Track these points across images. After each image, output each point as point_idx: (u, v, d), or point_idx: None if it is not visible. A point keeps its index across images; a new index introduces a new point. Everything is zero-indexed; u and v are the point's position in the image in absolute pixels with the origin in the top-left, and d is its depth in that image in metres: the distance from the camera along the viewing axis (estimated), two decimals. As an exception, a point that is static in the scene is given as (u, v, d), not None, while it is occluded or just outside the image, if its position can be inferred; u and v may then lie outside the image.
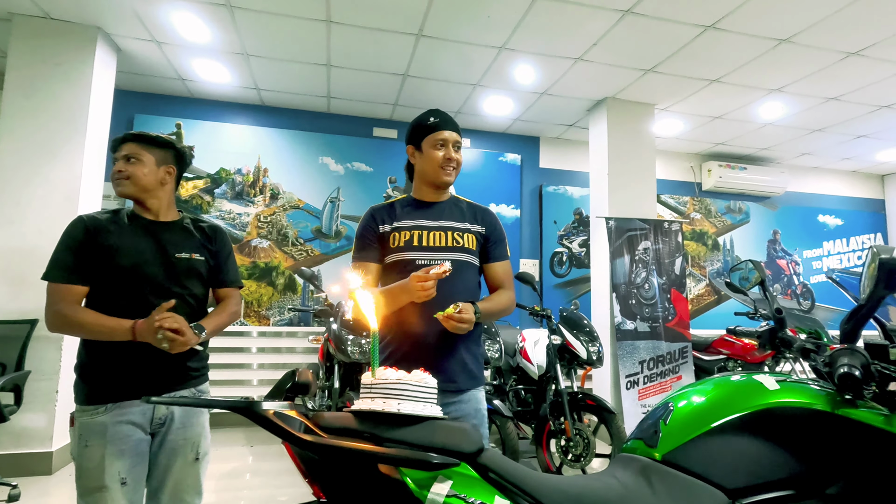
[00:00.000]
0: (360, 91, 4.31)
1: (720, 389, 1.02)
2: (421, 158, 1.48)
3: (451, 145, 1.46)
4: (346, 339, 2.84)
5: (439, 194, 1.54)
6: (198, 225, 1.51)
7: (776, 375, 1.01)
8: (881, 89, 4.00)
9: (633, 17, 3.10)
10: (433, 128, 1.45)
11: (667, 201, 5.61)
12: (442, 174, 1.45)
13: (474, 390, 1.46)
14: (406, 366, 1.36)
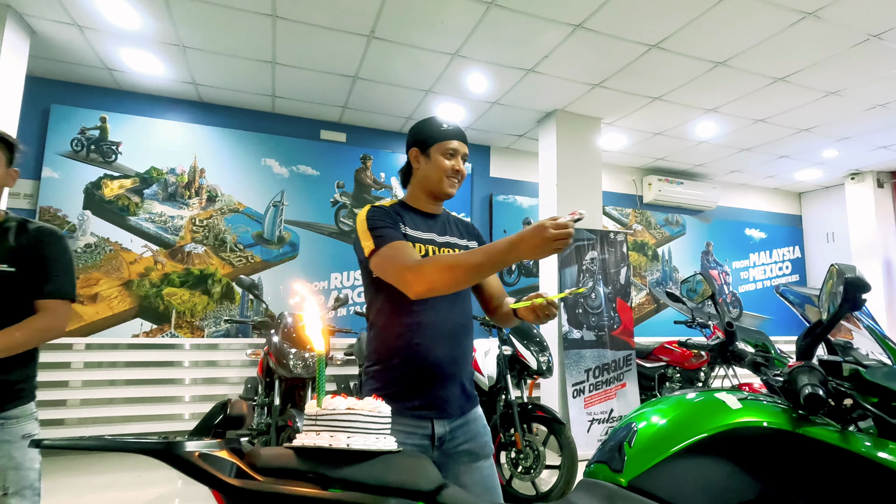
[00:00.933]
0: (308, 91, 4.14)
1: (683, 409, 1.00)
2: (427, 164, 1.37)
3: (459, 157, 1.38)
4: (288, 352, 2.66)
5: (437, 206, 1.44)
6: (24, 228, 1.35)
7: (736, 393, 1.00)
8: (801, 114, 4.33)
9: (583, 31, 3.17)
10: (445, 135, 1.36)
11: (611, 213, 5.79)
12: (446, 185, 1.35)
13: (477, 407, 1.40)
14: (415, 394, 1.26)
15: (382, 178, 4.84)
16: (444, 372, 1.28)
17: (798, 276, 6.78)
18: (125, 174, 4.05)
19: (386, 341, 1.29)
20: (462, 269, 1.09)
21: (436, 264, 1.12)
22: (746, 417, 0.93)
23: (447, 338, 1.31)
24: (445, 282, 1.10)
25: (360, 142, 4.83)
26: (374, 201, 4.75)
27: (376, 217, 1.28)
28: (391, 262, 1.17)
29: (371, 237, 1.23)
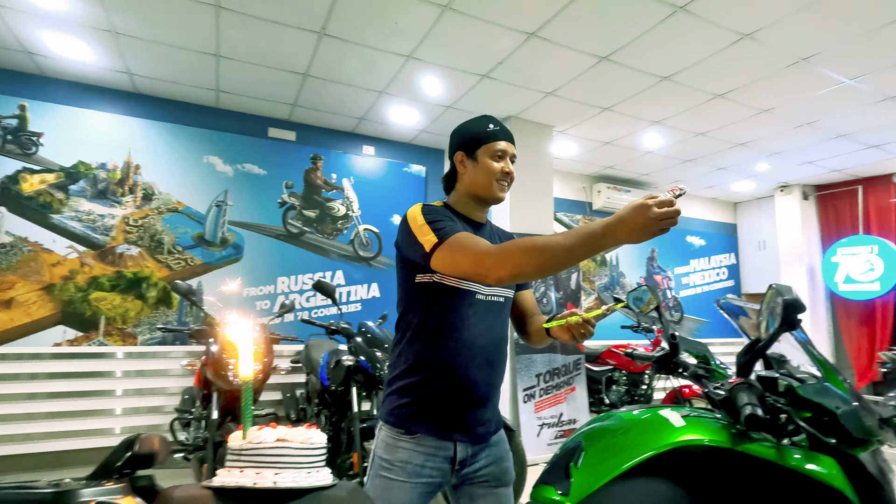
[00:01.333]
0: (255, 87, 3.96)
1: (628, 428, 0.99)
2: (474, 169, 1.29)
3: (508, 158, 1.31)
4: (227, 362, 2.51)
5: (483, 213, 1.37)
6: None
7: (679, 410, 1.00)
8: (738, 129, 4.57)
9: (537, 40, 3.19)
10: (492, 136, 1.29)
11: (561, 219, 5.91)
12: (496, 188, 1.28)
13: (501, 430, 1.34)
14: (445, 414, 1.19)
15: (334, 178, 4.70)
16: (479, 394, 1.23)
17: (733, 281, 7.18)
18: (47, 168, 3.72)
19: (423, 355, 1.22)
20: (553, 251, 0.96)
21: (522, 246, 1.01)
22: (689, 436, 0.93)
23: (486, 358, 1.25)
24: (535, 265, 0.98)
25: (311, 141, 4.68)
26: (324, 203, 4.62)
27: (432, 212, 1.20)
28: (464, 251, 1.07)
29: (431, 230, 1.14)
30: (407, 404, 1.20)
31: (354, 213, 4.75)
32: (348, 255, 4.67)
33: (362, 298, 4.65)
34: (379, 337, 2.91)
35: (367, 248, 4.75)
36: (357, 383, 2.74)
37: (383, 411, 1.25)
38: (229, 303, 4.09)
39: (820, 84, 3.69)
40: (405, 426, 1.19)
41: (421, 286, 1.23)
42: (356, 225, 4.74)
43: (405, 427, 1.19)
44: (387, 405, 1.24)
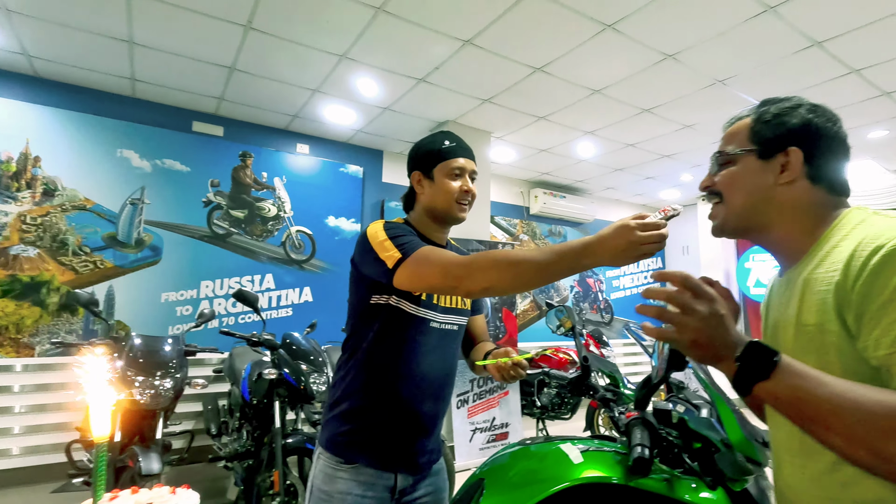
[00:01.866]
0: (177, 78, 3.69)
1: (529, 463, 0.99)
2: (431, 188, 1.24)
3: (467, 175, 1.25)
4: (133, 380, 2.32)
5: (443, 234, 1.32)
6: None
7: (580, 444, 1.01)
8: (663, 142, 4.81)
9: (472, 48, 3.18)
10: (449, 153, 1.24)
11: (499, 223, 5.99)
12: (457, 209, 1.24)
13: (441, 458, 1.29)
14: (388, 444, 1.13)
15: (265, 177, 4.49)
16: (424, 425, 1.18)
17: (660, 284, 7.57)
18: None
19: (370, 381, 1.15)
20: (526, 268, 0.90)
21: (494, 259, 0.94)
22: (587, 472, 0.94)
23: (435, 389, 1.21)
24: (507, 281, 0.92)
25: (240, 137, 4.44)
26: (254, 203, 4.40)
27: (394, 228, 1.15)
28: (431, 263, 1.02)
29: (394, 246, 1.08)
30: (348, 432, 1.15)
31: (286, 214, 4.56)
32: (279, 258, 4.48)
33: (294, 303, 4.48)
34: (305, 348, 2.79)
35: (299, 250, 4.58)
36: (280, 397, 2.62)
37: (323, 437, 1.19)
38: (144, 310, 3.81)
39: (735, 104, 3.94)
40: (345, 455, 1.14)
41: (375, 308, 1.17)
42: (288, 226, 4.55)
43: (345, 456, 1.14)
44: (327, 430, 1.18)
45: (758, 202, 0.80)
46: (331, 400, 1.22)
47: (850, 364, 0.66)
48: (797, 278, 0.77)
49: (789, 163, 0.78)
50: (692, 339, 0.63)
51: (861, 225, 0.72)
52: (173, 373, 2.46)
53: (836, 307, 0.67)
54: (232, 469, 2.96)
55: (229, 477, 3.45)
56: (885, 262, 0.62)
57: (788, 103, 0.82)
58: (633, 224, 0.82)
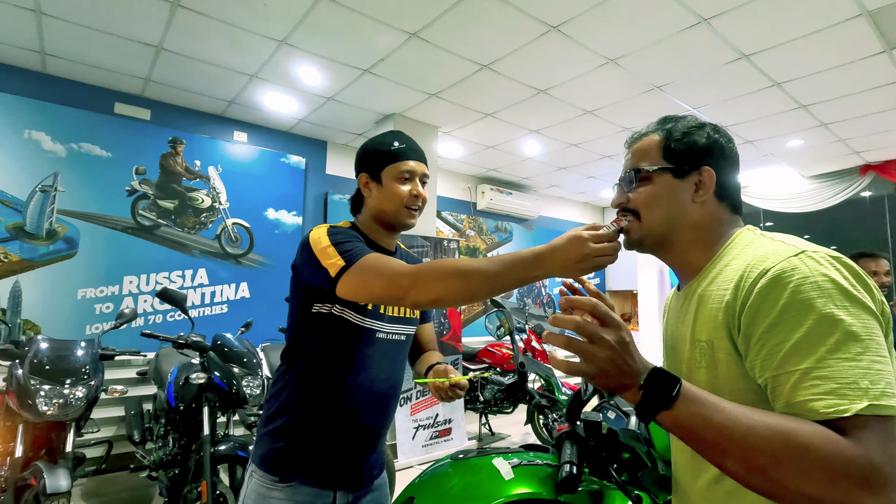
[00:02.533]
0: (95, 55, 3.37)
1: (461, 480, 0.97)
2: (379, 192, 1.18)
3: (418, 179, 1.18)
4: (37, 390, 2.09)
5: (392, 239, 1.25)
6: None
7: (511, 458, 1.00)
8: (605, 143, 4.96)
9: (419, 41, 3.12)
10: (397, 155, 1.16)
11: (447, 218, 5.97)
12: (405, 215, 1.17)
13: (384, 473, 1.23)
14: (327, 461, 1.06)
15: (197, 166, 4.22)
16: (367, 440, 1.12)
17: (599, 279, 7.87)
18: None
19: (311, 394, 1.08)
20: (475, 279, 0.86)
21: (442, 269, 0.89)
22: (518, 489, 0.93)
23: (379, 400, 1.14)
24: (454, 292, 0.88)
25: (170, 122, 4.13)
26: (185, 192, 4.12)
27: (338, 233, 1.07)
28: (376, 272, 0.95)
29: (337, 253, 1.01)
30: (285, 448, 1.08)
31: (222, 206, 4.31)
32: (213, 252, 4.23)
33: (229, 299, 4.26)
34: (237, 350, 2.65)
35: (235, 244, 4.35)
36: (209, 402, 2.47)
37: (256, 454, 1.12)
38: (57, 307, 3.48)
39: (671, 110, 4.11)
40: (280, 473, 1.07)
41: (317, 317, 1.10)
42: (224, 218, 4.31)
43: (280, 475, 1.07)
44: (261, 447, 1.11)
45: (673, 219, 0.82)
46: (266, 414, 1.15)
47: (737, 381, 0.68)
48: (693, 294, 0.80)
49: (703, 182, 0.81)
50: (600, 368, 0.61)
51: (750, 246, 0.75)
52: (86, 380, 2.25)
53: (726, 325, 0.69)
54: (157, 478, 2.78)
55: (153, 486, 3.24)
56: (770, 285, 0.64)
57: (693, 122, 0.85)
58: (586, 236, 0.79)
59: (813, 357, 0.59)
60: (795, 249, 0.67)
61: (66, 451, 2.15)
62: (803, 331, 0.60)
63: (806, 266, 0.64)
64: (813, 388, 0.58)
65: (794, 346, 0.61)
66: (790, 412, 0.60)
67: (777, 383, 0.62)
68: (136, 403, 3.40)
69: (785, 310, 0.62)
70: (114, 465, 3.22)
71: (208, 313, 4.13)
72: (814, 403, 0.58)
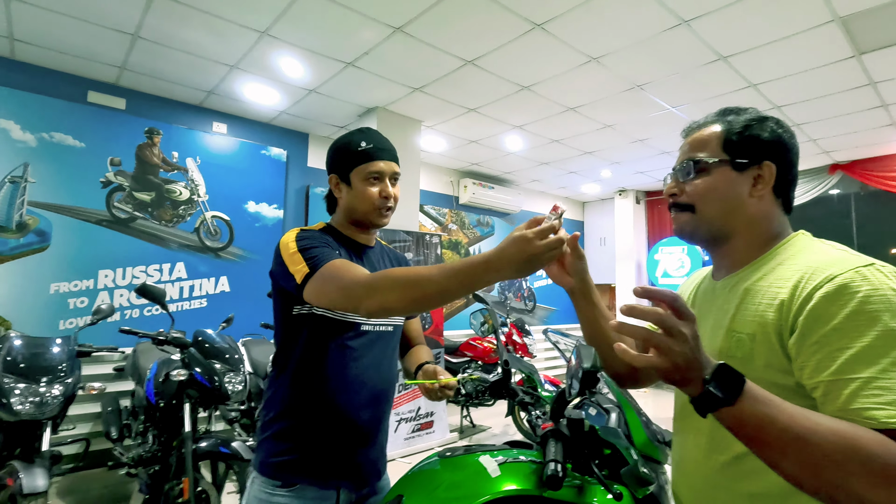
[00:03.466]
0: (67, 41, 3.26)
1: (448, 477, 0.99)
2: (349, 193, 1.18)
3: (388, 179, 1.18)
4: (10, 389, 2.05)
5: (369, 236, 1.27)
6: None
7: (497, 456, 1.03)
8: (586, 139, 5.02)
9: (403, 35, 3.10)
10: (364, 156, 1.15)
11: (429, 211, 5.98)
12: (376, 216, 1.18)
13: (386, 474, 1.25)
14: (328, 459, 1.07)
15: (175, 157, 4.13)
16: (364, 434, 1.13)
17: (579, 273, 7.99)
18: None
19: (303, 394, 1.08)
20: (427, 288, 0.86)
21: (394, 279, 0.91)
22: (505, 486, 0.96)
23: (373, 394, 1.15)
24: (406, 301, 0.89)
25: (146, 112, 4.03)
26: (163, 184, 4.04)
27: (306, 238, 1.09)
28: (334, 280, 0.97)
29: (303, 260, 1.03)
30: (285, 451, 1.09)
31: (201, 198, 4.24)
32: (192, 245, 4.16)
33: (209, 293, 4.20)
34: (219, 346, 2.63)
35: (215, 237, 4.28)
36: (191, 399, 2.45)
37: (256, 460, 1.13)
38: (28, 302, 3.39)
39: (650, 108, 4.19)
40: (283, 478, 1.08)
41: (299, 318, 1.12)
42: (202, 211, 4.24)
43: (283, 479, 1.08)
44: (261, 453, 1.12)
45: (730, 213, 0.82)
46: (264, 420, 1.15)
47: (773, 375, 0.70)
48: (737, 285, 0.80)
49: (762, 176, 0.81)
50: (674, 362, 0.59)
51: (807, 250, 0.76)
52: (63, 377, 2.21)
53: (777, 323, 0.70)
54: (136, 475, 2.75)
55: (131, 483, 3.20)
56: (837, 291, 0.65)
57: (754, 115, 0.84)
58: (530, 235, 0.79)
59: (876, 367, 0.60)
60: (864, 260, 0.67)
61: (43, 450, 2.12)
62: (867, 340, 0.61)
63: (876, 278, 0.64)
64: (875, 397, 0.59)
65: (857, 353, 0.61)
66: (844, 417, 0.61)
67: (833, 388, 0.62)
68: (113, 400, 3.35)
69: (851, 317, 0.63)
70: (90, 463, 3.16)
71: (187, 308, 4.07)
72: (874, 412, 0.59)
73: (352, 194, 1.18)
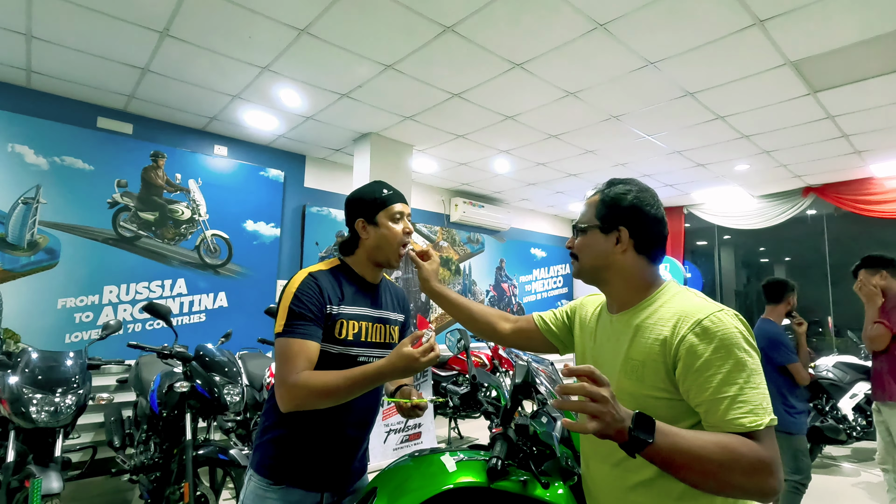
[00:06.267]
0: (81, 74, 3.50)
1: (414, 472, 1.20)
2: (376, 234, 1.33)
3: (406, 218, 1.36)
4: (29, 399, 2.24)
5: (378, 274, 1.42)
6: None
7: (456, 455, 1.24)
8: (570, 163, 5.28)
9: (393, 72, 3.36)
10: (389, 200, 1.34)
11: (421, 230, 6.21)
12: (396, 256, 1.34)
13: (366, 475, 1.42)
14: (316, 467, 1.22)
15: (178, 179, 4.35)
16: (350, 449, 1.29)
17: (567, 288, 8.23)
18: None
19: (295, 414, 1.22)
20: (336, 396, 1.12)
21: (311, 390, 1.11)
22: (460, 478, 1.17)
23: (363, 417, 1.32)
24: (314, 405, 1.13)
25: (151, 136, 4.27)
26: (166, 204, 4.26)
27: (303, 299, 1.22)
28: (280, 363, 1.16)
29: (285, 319, 1.19)
30: (278, 455, 1.24)
31: (201, 217, 4.45)
32: (192, 262, 4.37)
33: (207, 308, 4.40)
34: (219, 360, 2.82)
35: (214, 254, 4.49)
36: (192, 409, 2.64)
37: (254, 460, 1.28)
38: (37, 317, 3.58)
39: (628, 136, 4.46)
40: (274, 477, 1.23)
41: None
42: (203, 230, 4.45)
43: (274, 478, 1.23)
44: (258, 454, 1.27)
45: (600, 264, 1.08)
46: (263, 426, 1.29)
47: (656, 391, 0.94)
48: (630, 321, 1.03)
49: (620, 237, 1.05)
50: (604, 421, 0.77)
51: (678, 295, 1.01)
52: (76, 388, 2.40)
53: (662, 353, 0.93)
54: (138, 482, 2.92)
55: (132, 490, 3.37)
56: (703, 332, 0.90)
57: (625, 187, 1.08)
58: (417, 354, 1.09)
59: (735, 387, 0.85)
60: (717, 307, 0.94)
61: (56, 456, 2.30)
62: (727, 368, 0.87)
63: (726, 321, 0.91)
64: (739, 409, 0.84)
65: (723, 378, 0.86)
66: (723, 426, 0.85)
67: (713, 405, 0.86)
68: (116, 410, 3.53)
69: (714, 352, 0.88)
70: (93, 470, 3.33)
71: (187, 322, 4.26)
72: (741, 420, 0.84)
73: (379, 233, 1.33)
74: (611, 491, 1.01)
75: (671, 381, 0.93)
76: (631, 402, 0.93)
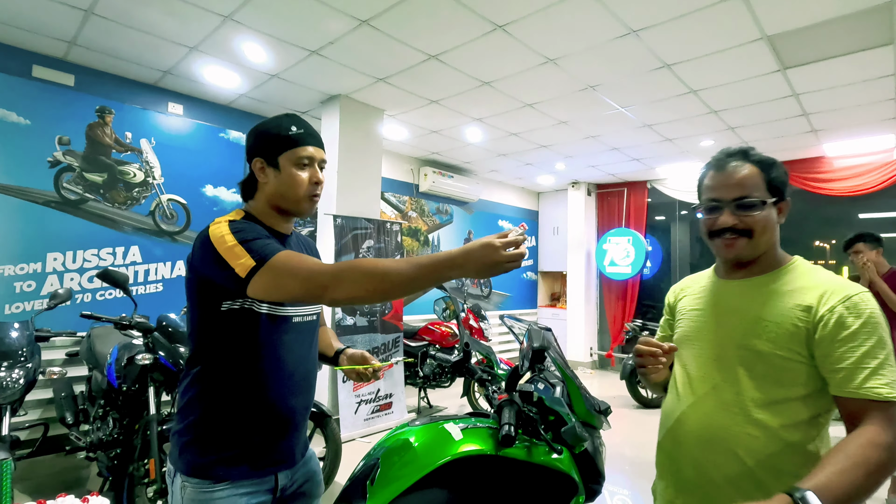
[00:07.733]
0: (11, 14, 3.10)
1: (418, 442, 1.15)
2: (276, 178, 1.12)
3: (317, 164, 1.15)
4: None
5: (288, 224, 1.21)
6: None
7: (459, 423, 1.20)
8: (542, 134, 5.25)
9: (369, 28, 3.17)
10: (297, 140, 1.11)
11: (389, 199, 6.06)
12: (306, 203, 1.14)
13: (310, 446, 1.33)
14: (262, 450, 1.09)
15: (129, 138, 4.01)
16: (294, 421, 1.16)
17: (533, 261, 8.33)
18: None
19: (234, 392, 1.07)
20: (394, 280, 0.90)
21: (362, 269, 0.92)
22: (466, 446, 1.13)
23: (301, 382, 1.18)
24: (374, 291, 0.91)
25: (97, 89, 3.89)
26: (115, 166, 3.93)
27: (242, 230, 1.02)
28: (291, 272, 0.94)
29: (246, 252, 0.97)
30: (218, 450, 1.07)
31: (156, 181, 4.15)
32: (147, 229, 4.08)
33: (164, 278, 4.14)
34: (183, 331, 2.66)
35: (171, 221, 4.22)
36: (155, 382, 2.50)
37: (182, 465, 1.07)
38: (-28, 285, 3.26)
39: (602, 108, 4.45)
40: (217, 476, 1.06)
41: (228, 314, 1.07)
42: (158, 194, 4.15)
43: (216, 476, 1.06)
44: (188, 456, 1.07)
45: (771, 238, 1.09)
46: (184, 423, 1.09)
47: (794, 347, 0.98)
48: (766, 285, 1.07)
49: (782, 210, 1.10)
50: None
51: (816, 270, 1.06)
52: (23, 362, 2.20)
53: (804, 320, 0.98)
54: (95, 459, 2.76)
55: (89, 467, 3.19)
56: (854, 305, 0.96)
57: (763, 154, 1.11)
58: (498, 243, 0.87)
59: (877, 361, 0.92)
60: (862, 287, 1.00)
61: (3, 434, 2.12)
62: (872, 342, 0.93)
63: (871, 302, 0.98)
64: (879, 379, 0.91)
65: (867, 351, 0.93)
66: (860, 393, 0.91)
67: (853, 373, 0.92)
68: (66, 385, 3.30)
69: (862, 326, 0.94)
70: (45, 448, 3.12)
71: (142, 292, 4.01)
72: (880, 390, 0.90)
73: (280, 179, 1.12)
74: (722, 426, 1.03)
75: (807, 345, 0.98)
76: (758, 360, 1.01)
